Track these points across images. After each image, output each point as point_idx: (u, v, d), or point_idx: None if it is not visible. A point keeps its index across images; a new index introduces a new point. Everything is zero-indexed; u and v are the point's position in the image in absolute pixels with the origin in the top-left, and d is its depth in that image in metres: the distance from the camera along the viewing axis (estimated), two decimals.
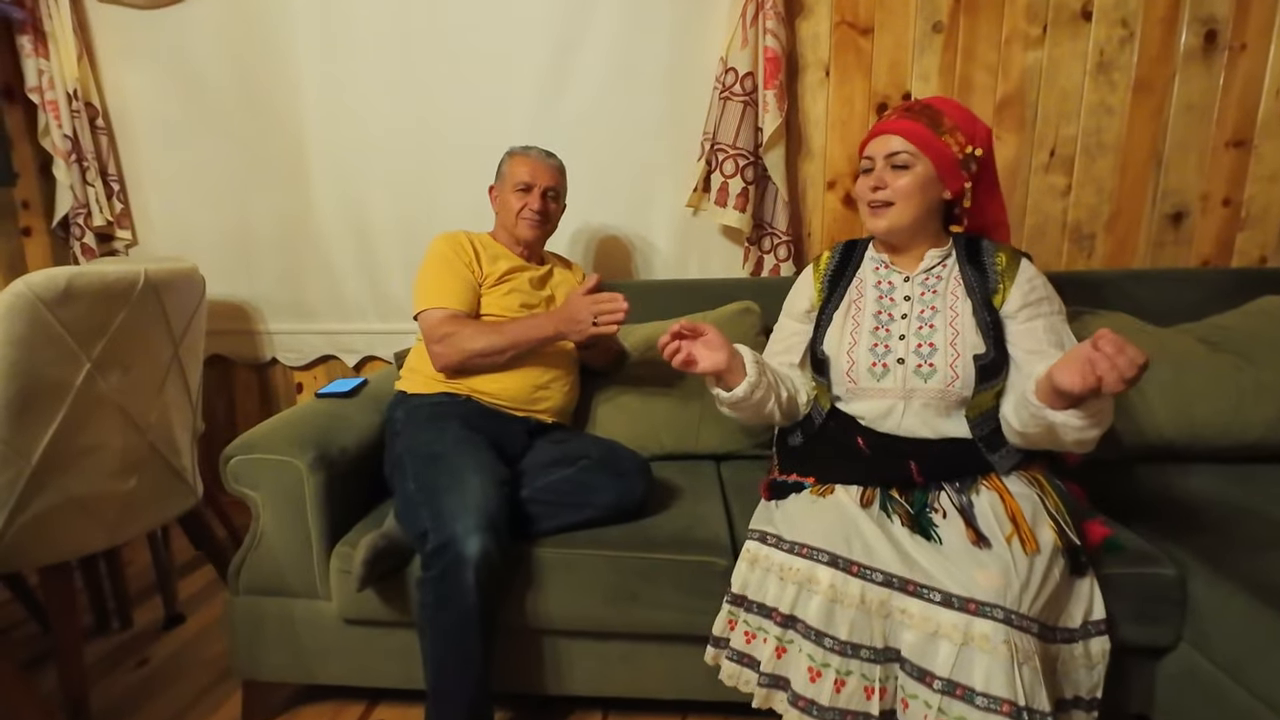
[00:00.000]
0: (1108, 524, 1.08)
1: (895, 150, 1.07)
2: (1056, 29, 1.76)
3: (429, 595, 1.01)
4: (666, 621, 1.10)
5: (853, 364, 1.11)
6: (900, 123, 1.08)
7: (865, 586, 0.91)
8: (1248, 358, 1.37)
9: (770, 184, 1.81)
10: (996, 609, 0.84)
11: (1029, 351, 1.04)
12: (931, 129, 1.07)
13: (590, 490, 1.17)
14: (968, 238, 1.16)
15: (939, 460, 1.04)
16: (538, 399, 1.36)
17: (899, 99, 1.83)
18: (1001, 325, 1.07)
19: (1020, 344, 1.05)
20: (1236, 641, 0.93)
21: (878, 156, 1.09)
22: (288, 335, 2.13)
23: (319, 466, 1.14)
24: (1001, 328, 1.07)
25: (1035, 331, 1.05)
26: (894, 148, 1.07)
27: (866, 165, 1.11)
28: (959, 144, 1.07)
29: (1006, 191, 1.86)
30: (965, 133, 1.07)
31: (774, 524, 1.03)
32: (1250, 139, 1.78)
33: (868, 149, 1.12)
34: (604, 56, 1.84)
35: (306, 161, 1.98)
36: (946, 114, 1.08)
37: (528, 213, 1.44)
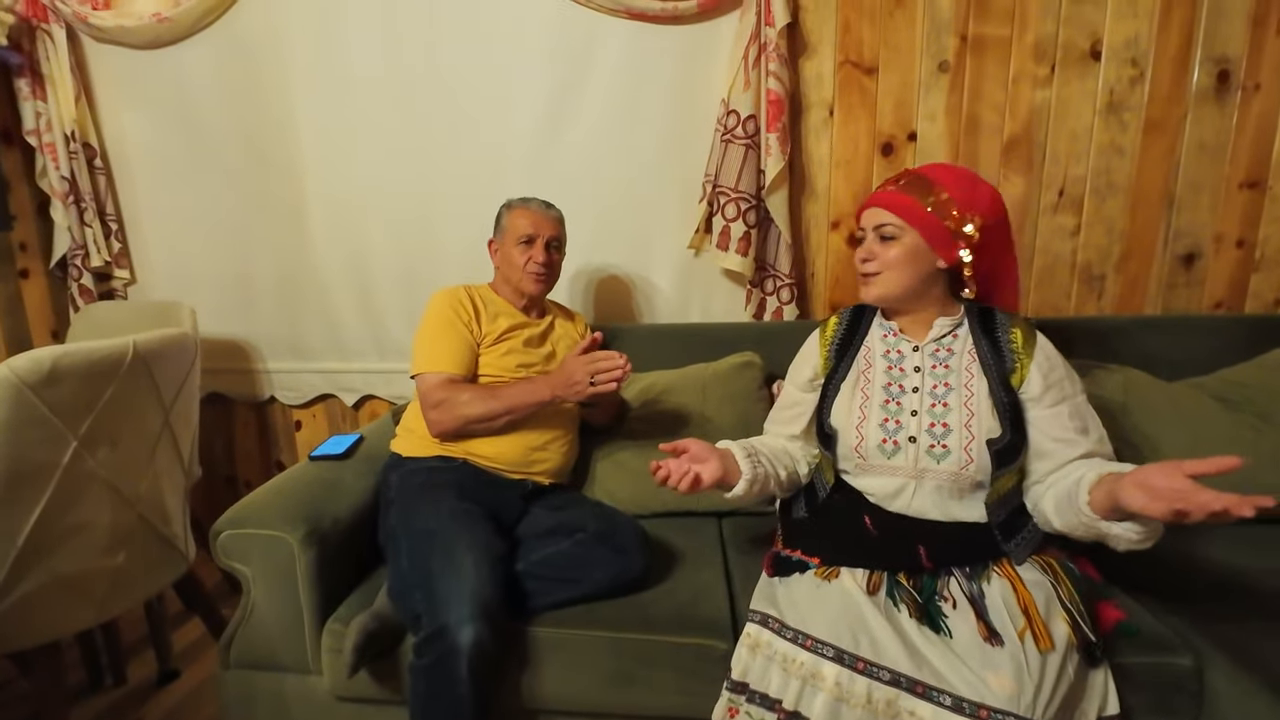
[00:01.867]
0: (1120, 605, 1.04)
1: (882, 222, 1.07)
2: (1065, 69, 1.73)
3: (420, 684, 0.99)
4: (665, 705, 1.07)
5: (862, 440, 1.07)
6: (887, 195, 1.08)
7: (872, 685, 0.88)
8: (1265, 418, 1.34)
9: (773, 226, 1.78)
10: (1010, 716, 0.81)
11: (1056, 440, 1.00)
12: (920, 200, 1.05)
13: (587, 566, 1.14)
14: (980, 308, 1.12)
15: (949, 544, 1.01)
16: (535, 461, 1.34)
17: (905, 138, 1.80)
18: (1020, 406, 1.04)
19: (1047, 431, 1.01)
20: None
21: (868, 228, 1.10)
22: (286, 374, 2.11)
23: (310, 542, 1.12)
24: (1020, 409, 1.04)
25: (1061, 418, 1.01)
26: (881, 220, 1.07)
27: (860, 235, 1.12)
28: (952, 215, 1.04)
29: (1015, 232, 1.82)
30: (961, 202, 1.04)
31: (776, 605, 1.00)
32: (1265, 179, 1.74)
33: (861, 220, 1.12)
34: (604, 97, 1.82)
35: (304, 201, 1.97)
36: (941, 184, 1.05)
37: (533, 265, 1.42)
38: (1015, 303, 1.17)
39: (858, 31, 1.76)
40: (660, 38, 1.77)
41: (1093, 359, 1.54)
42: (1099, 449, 0.99)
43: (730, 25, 1.73)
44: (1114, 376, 1.43)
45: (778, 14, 1.64)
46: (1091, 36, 1.71)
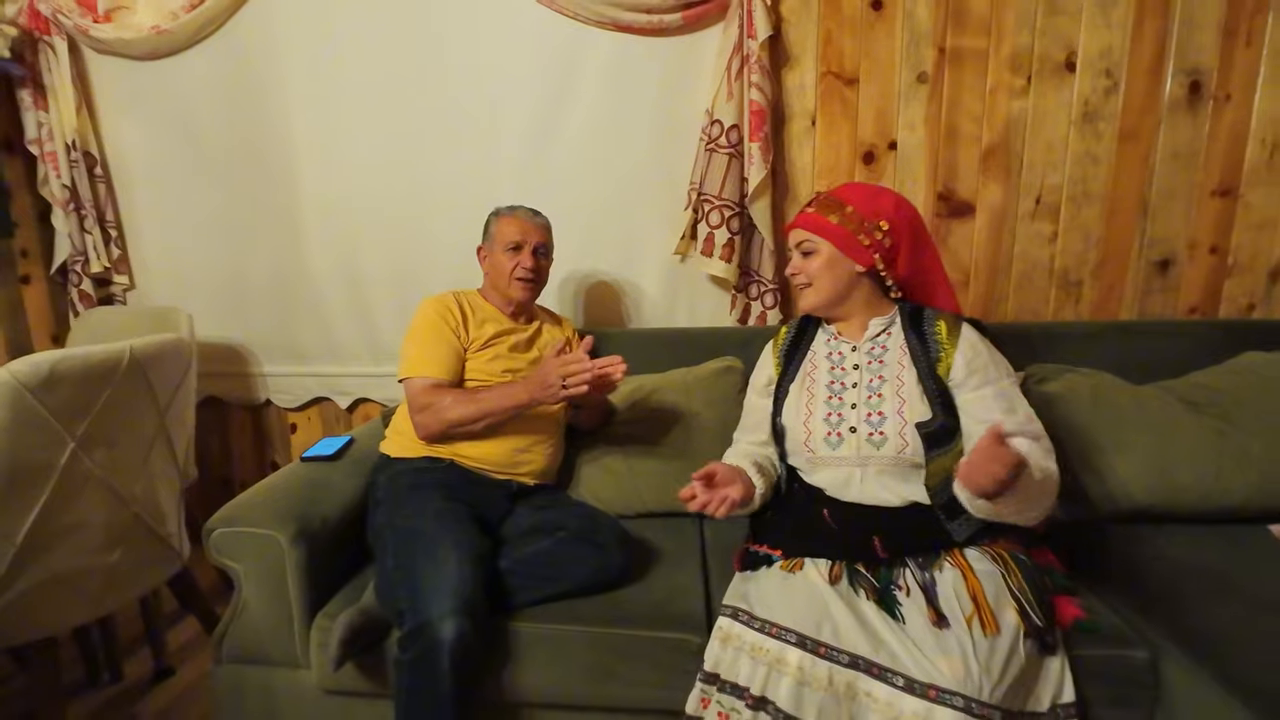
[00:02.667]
0: (1081, 602, 1.08)
1: (801, 239, 1.19)
2: (1040, 80, 1.77)
3: (404, 678, 1.02)
4: (643, 698, 1.10)
5: (809, 434, 1.14)
6: (803, 216, 1.20)
7: (833, 669, 0.92)
8: (1230, 420, 1.37)
9: (756, 233, 1.82)
10: (957, 697, 0.85)
11: (980, 421, 1.06)
12: (828, 217, 1.17)
13: (567, 563, 1.18)
14: (912, 307, 1.18)
15: (902, 533, 1.05)
16: (520, 462, 1.38)
17: (885, 147, 1.85)
18: (949, 393, 1.09)
19: (974, 414, 1.07)
20: None
21: (793, 247, 1.21)
22: (281, 378, 2.15)
23: (300, 541, 1.16)
24: (950, 395, 1.09)
25: (986, 400, 1.07)
26: (801, 238, 1.19)
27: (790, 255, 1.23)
28: (860, 225, 1.14)
29: (994, 238, 1.87)
30: (866, 212, 1.15)
31: (747, 599, 1.04)
32: (1237, 188, 1.78)
33: (789, 241, 1.24)
34: (592, 107, 1.86)
35: (300, 208, 2.01)
36: (846, 200, 1.17)
37: (521, 271, 1.46)
38: (951, 300, 1.22)
39: (839, 43, 1.80)
40: (646, 49, 1.82)
41: (1070, 363, 1.58)
42: (1025, 428, 1.04)
43: (714, 37, 1.78)
44: (1084, 380, 1.47)
45: (759, 27, 1.68)
46: (1066, 48, 1.75)
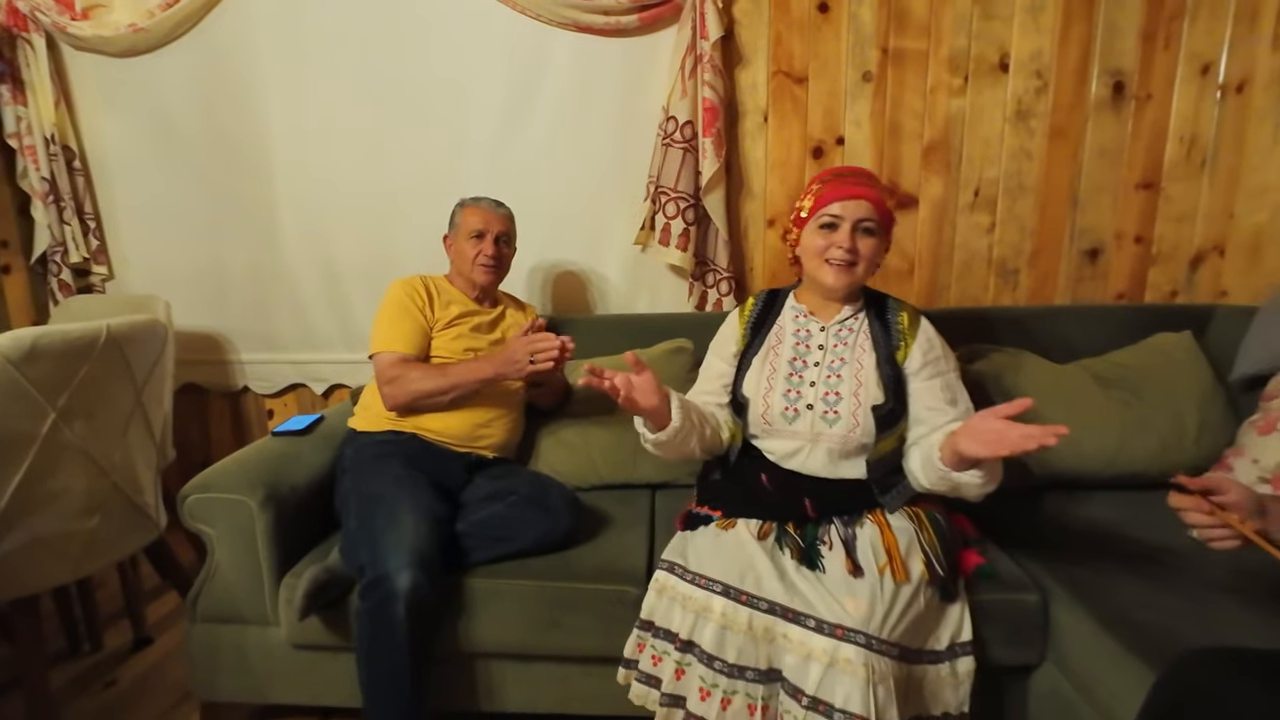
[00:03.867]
0: (984, 552, 1.19)
1: (865, 216, 1.13)
2: (977, 79, 1.89)
3: (364, 625, 1.11)
4: (586, 645, 1.20)
5: (767, 407, 1.20)
6: (868, 190, 1.15)
7: (753, 614, 1.02)
8: (1136, 393, 1.49)
9: (712, 224, 1.92)
10: (860, 634, 0.94)
11: (929, 408, 1.15)
12: (885, 198, 1.17)
13: (519, 525, 1.27)
14: (875, 294, 1.27)
15: (832, 498, 1.15)
16: (479, 436, 1.46)
17: (833, 143, 1.95)
18: (903, 379, 1.18)
19: (922, 401, 1.16)
20: (1085, 663, 1.04)
21: (848, 218, 1.13)
22: (258, 365, 2.23)
23: (269, 505, 1.24)
24: (903, 382, 1.18)
25: (934, 389, 1.16)
26: (865, 214, 1.13)
27: (831, 222, 1.15)
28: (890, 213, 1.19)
29: (936, 229, 1.99)
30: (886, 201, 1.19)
31: (684, 555, 1.13)
32: (1158, 181, 1.91)
33: (833, 208, 1.14)
34: (555, 104, 1.95)
35: (275, 200, 2.08)
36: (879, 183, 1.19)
37: (482, 258, 1.55)
38: None
39: (788, 44, 1.91)
40: (606, 49, 1.91)
41: (1007, 345, 1.68)
42: (958, 414, 1.13)
43: (669, 38, 1.87)
44: (1010, 359, 1.58)
45: (711, 28, 1.78)
46: (1000, 50, 1.86)
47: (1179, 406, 1.46)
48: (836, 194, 1.15)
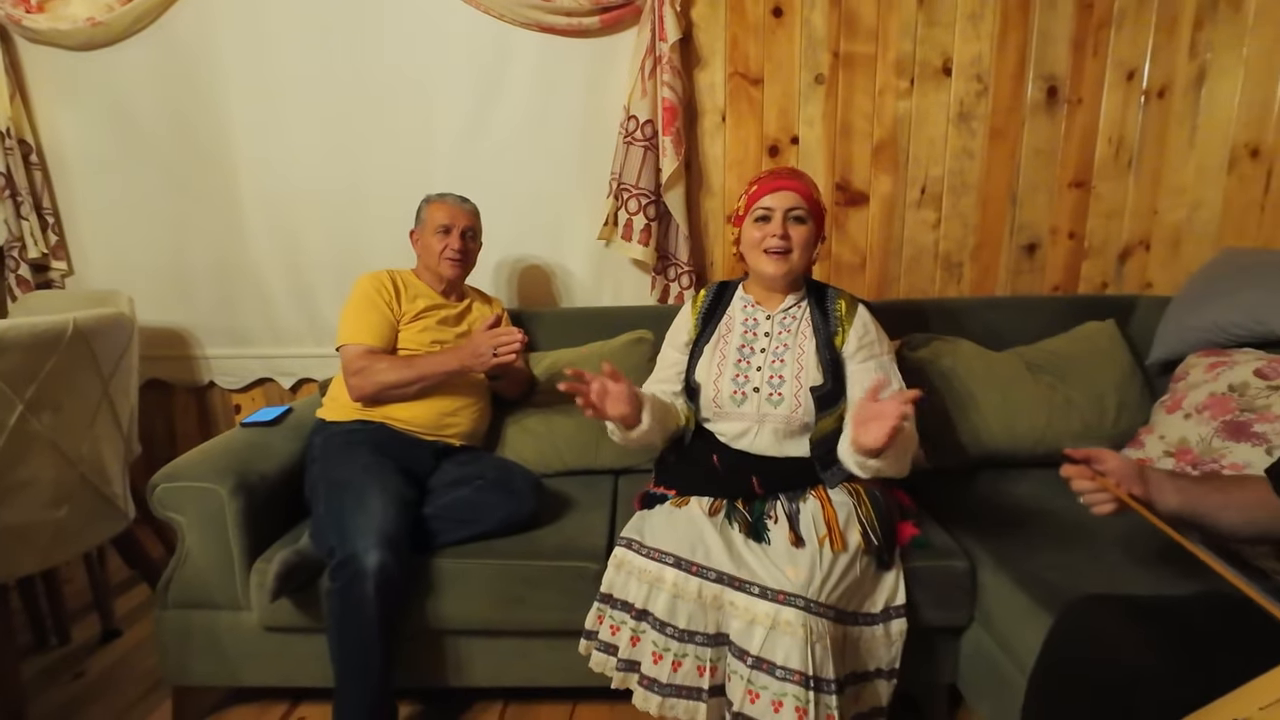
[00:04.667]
0: (920, 525, 1.29)
1: (794, 206, 1.22)
2: (922, 82, 1.99)
3: (334, 605, 1.16)
4: (550, 620, 1.26)
5: (718, 391, 1.28)
6: (795, 182, 1.24)
7: (702, 584, 1.09)
8: (1062, 378, 1.61)
9: (673, 220, 1.99)
10: (799, 599, 1.03)
11: (863, 389, 1.23)
12: (812, 189, 1.27)
13: (484, 508, 1.33)
14: (815, 284, 1.35)
15: (778, 475, 1.23)
16: (446, 424, 1.51)
17: (788, 142, 2.04)
18: (841, 363, 1.27)
19: (857, 382, 1.24)
20: (1005, 621, 1.14)
21: (778, 209, 1.22)
22: (224, 360, 2.23)
23: (239, 492, 1.28)
24: (841, 365, 1.27)
25: (868, 371, 1.24)
26: (791, 203, 1.22)
27: (764, 215, 1.24)
28: (820, 203, 1.28)
29: (886, 225, 2.09)
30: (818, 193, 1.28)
31: (640, 532, 1.20)
32: (1089, 180, 2.04)
33: (765, 201, 1.23)
34: (521, 102, 2.00)
35: (240, 195, 2.09)
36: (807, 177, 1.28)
37: (449, 252, 1.59)
38: None
39: (744, 47, 1.98)
40: (569, 49, 1.96)
41: (951, 334, 1.78)
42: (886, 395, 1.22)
43: (630, 39, 1.93)
44: (948, 347, 1.68)
45: (670, 31, 1.85)
46: (943, 55, 1.97)
47: (1101, 389, 1.58)
48: (766, 188, 1.24)
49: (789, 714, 0.97)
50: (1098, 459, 0.90)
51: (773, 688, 0.99)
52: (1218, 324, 1.44)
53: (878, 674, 1.14)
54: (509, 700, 1.43)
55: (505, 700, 1.43)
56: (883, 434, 0.99)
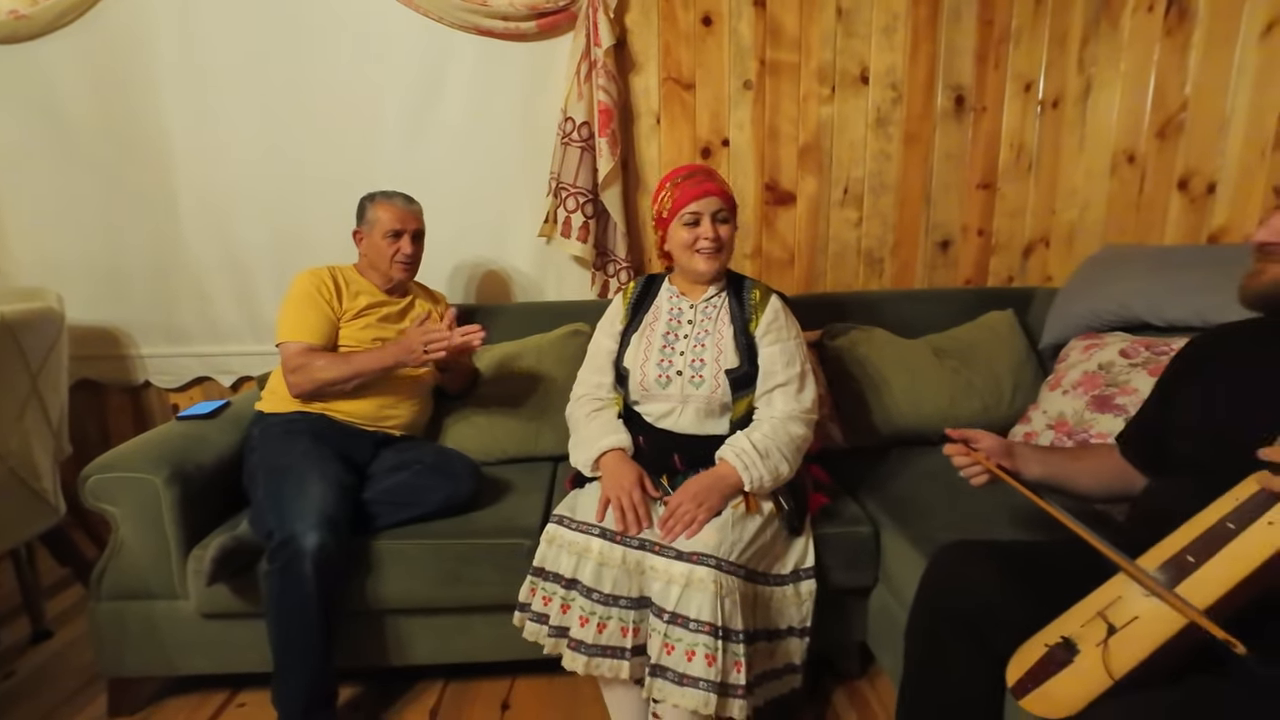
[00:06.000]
0: (833, 496, 1.40)
1: (719, 208, 1.33)
2: (843, 89, 2.13)
3: (273, 585, 1.20)
4: (486, 595, 1.33)
5: (644, 375, 1.37)
6: (716, 186, 1.34)
7: (625, 551, 1.17)
8: (965, 362, 1.75)
9: (610, 217, 2.07)
10: (711, 558, 1.12)
11: (766, 372, 1.33)
12: (727, 189, 1.37)
13: (424, 491, 1.38)
14: (735, 276, 1.45)
15: (698, 452, 1.32)
16: (386, 417, 1.56)
17: (719, 144, 2.15)
18: (755, 347, 1.37)
19: (763, 365, 1.35)
20: (902, 578, 1.26)
21: (706, 213, 1.32)
22: (161, 359, 2.21)
23: (174, 481, 1.30)
24: (755, 349, 1.37)
25: (774, 355, 1.34)
26: (716, 206, 1.32)
27: (693, 218, 1.32)
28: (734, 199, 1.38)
29: (812, 223, 2.22)
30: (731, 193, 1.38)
31: (573, 509, 1.28)
32: (994, 182, 2.21)
33: (693, 206, 1.31)
34: (462, 102, 2.05)
35: (175, 192, 2.08)
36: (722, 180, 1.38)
37: (401, 257, 1.62)
38: None
39: (676, 53, 2.08)
40: (508, 52, 2.03)
41: (873, 326, 1.90)
42: (787, 375, 1.32)
43: (566, 44, 2.01)
44: (864, 335, 1.81)
45: (604, 36, 1.93)
46: (860, 65, 2.11)
47: (998, 372, 1.73)
48: (693, 194, 1.32)
49: (700, 662, 1.06)
50: (974, 438, 1.02)
51: (686, 639, 1.07)
52: (1094, 311, 1.60)
53: (790, 632, 1.25)
54: (450, 678, 1.48)
55: (446, 678, 1.48)
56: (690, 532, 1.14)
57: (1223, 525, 0.72)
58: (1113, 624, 0.75)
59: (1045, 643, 0.80)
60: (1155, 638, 0.71)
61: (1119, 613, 0.76)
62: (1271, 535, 0.68)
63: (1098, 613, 0.78)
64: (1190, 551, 0.74)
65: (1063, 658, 0.77)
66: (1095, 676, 0.73)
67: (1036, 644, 0.81)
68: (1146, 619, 0.73)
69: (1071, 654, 0.77)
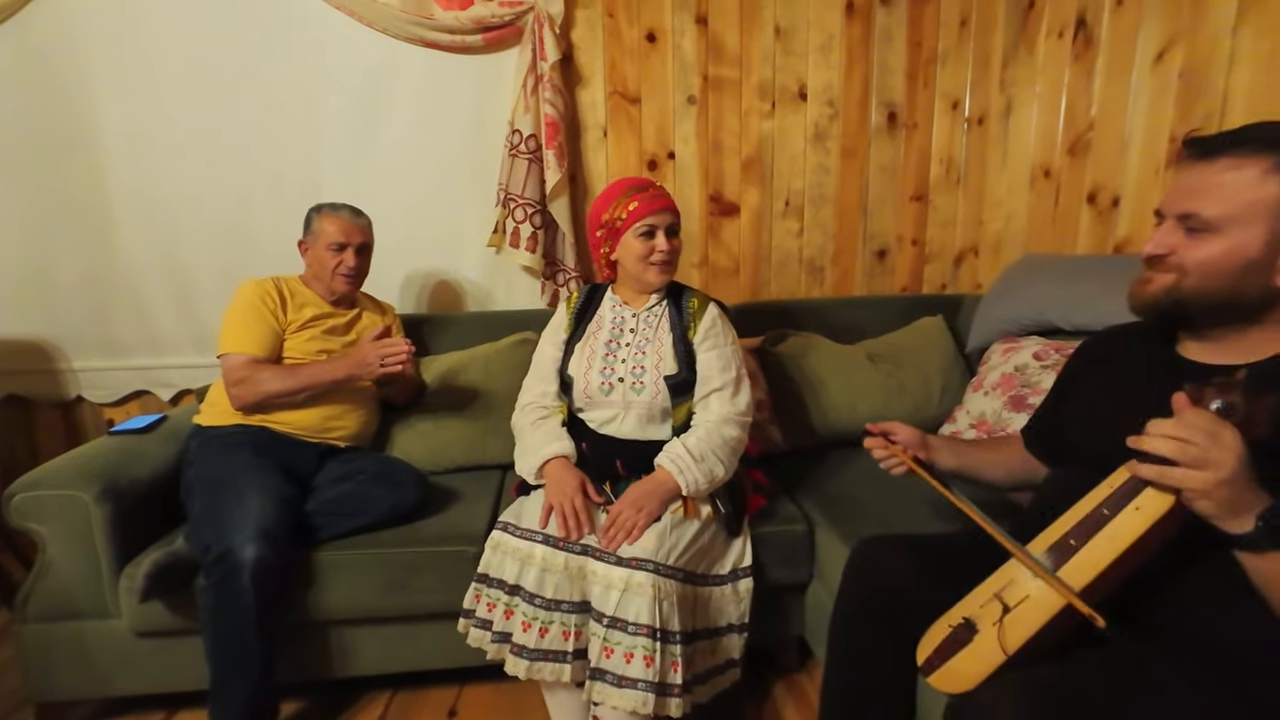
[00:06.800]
0: (771, 497, 1.46)
1: (673, 222, 1.38)
2: (783, 105, 2.21)
3: (210, 599, 1.18)
4: (429, 603, 1.34)
5: (588, 383, 1.40)
6: (669, 201, 1.39)
7: (568, 557, 1.20)
8: (898, 365, 1.84)
9: (559, 227, 2.10)
10: (649, 563, 1.16)
11: (703, 377, 1.38)
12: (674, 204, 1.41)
13: (367, 500, 1.38)
14: (675, 285, 1.50)
15: (640, 457, 1.36)
16: (331, 428, 1.55)
17: (665, 157, 2.20)
18: (693, 353, 1.42)
19: (701, 370, 1.40)
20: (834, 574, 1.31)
21: (661, 226, 1.36)
22: (95, 373, 2.14)
23: (106, 498, 1.27)
24: (693, 355, 1.42)
25: (711, 360, 1.39)
26: (670, 220, 1.38)
27: (648, 230, 1.36)
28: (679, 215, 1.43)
29: (756, 233, 2.29)
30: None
31: (519, 516, 1.30)
32: (927, 194, 2.32)
33: (649, 219, 1.35)
34: (410, 113, 2.06)
35: (109, 199, 2.02)
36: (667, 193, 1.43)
37: (343, 268, 1.62)
38: None
39: (622, 68, 2.14)
40: (456, 64, 2.05)
41: (815, 332, 1.98)
42: (723, 380, 1.37)
43: (513, 57, 2.04)
44: (803, 341, 1.88)
45: (550, 51, 1.97)
46: (799, 82, 2.20)
47: (929, 374, 1.83)
48: (649, 208, 1.36)
49: (639, 663, 1.10)
50: (892, 430, 1.09)
51: (625, 642, 1.11)
52: (1013, 317, 1.71)
53: (729, 629, 1.29)
54: (397, 688, 1.48)
55: (393, 689, 1.48)
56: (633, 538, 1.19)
57: (1099, 511, 0.79)
58: (1007, 604, 0.82)
59: (950, 624, 0.86)
60: (1042, 616, 0.78)
61: (1012, 594, 0.82)
62: (1138, 520, 0.75)
63: (994, 594, 0.85)
64: (1072, 535, 0.81)
65: (964, 637, 0.84)
66: (991, 653, 0.80)
67: (942, 625, 0.87)
68: (1035, 599, 0.80)
69: (972, 633, 0.83)
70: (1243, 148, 0.75)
